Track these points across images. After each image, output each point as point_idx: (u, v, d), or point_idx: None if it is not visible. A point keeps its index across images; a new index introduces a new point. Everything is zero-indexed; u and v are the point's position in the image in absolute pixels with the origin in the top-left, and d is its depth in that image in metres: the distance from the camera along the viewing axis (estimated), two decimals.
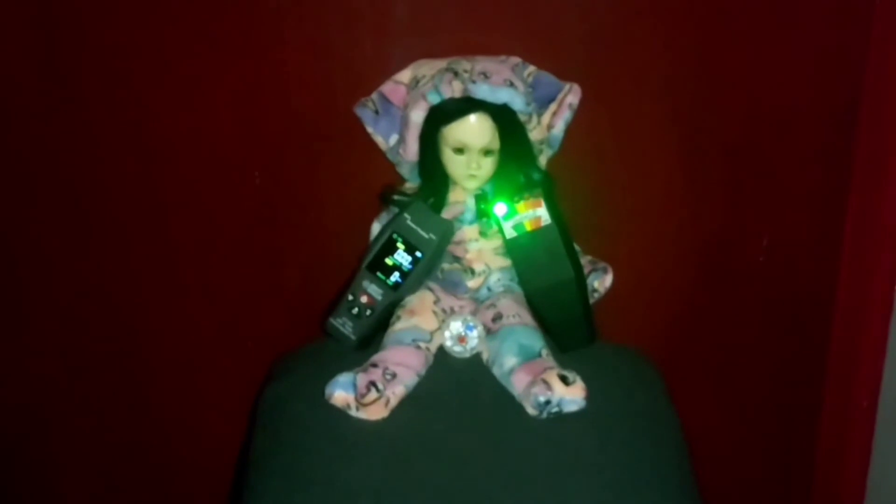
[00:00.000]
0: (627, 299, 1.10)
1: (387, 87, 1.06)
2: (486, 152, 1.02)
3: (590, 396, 0.94)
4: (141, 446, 1.28)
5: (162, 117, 1.10)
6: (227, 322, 1.24)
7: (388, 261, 1.03)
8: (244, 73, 1.09)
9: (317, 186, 1.16)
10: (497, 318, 1.03)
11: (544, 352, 1.00)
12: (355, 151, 1.11)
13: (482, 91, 0.97)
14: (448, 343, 1.02)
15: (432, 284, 1.06)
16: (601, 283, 1.06)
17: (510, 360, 0.99)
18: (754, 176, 1.20)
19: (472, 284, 1.07)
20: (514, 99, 0.99)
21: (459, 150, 1.02)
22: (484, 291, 1.07)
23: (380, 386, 0.95)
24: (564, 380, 0.94)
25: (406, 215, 1.02)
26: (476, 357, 1.02)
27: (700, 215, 1.21)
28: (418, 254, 1.02)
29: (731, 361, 1.30)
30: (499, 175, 1.04)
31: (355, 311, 1.03)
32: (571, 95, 1.05)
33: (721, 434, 1.30)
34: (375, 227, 1.09)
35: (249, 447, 0.98)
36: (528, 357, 0.98)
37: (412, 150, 1.04)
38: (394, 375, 0.97)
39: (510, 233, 1.00)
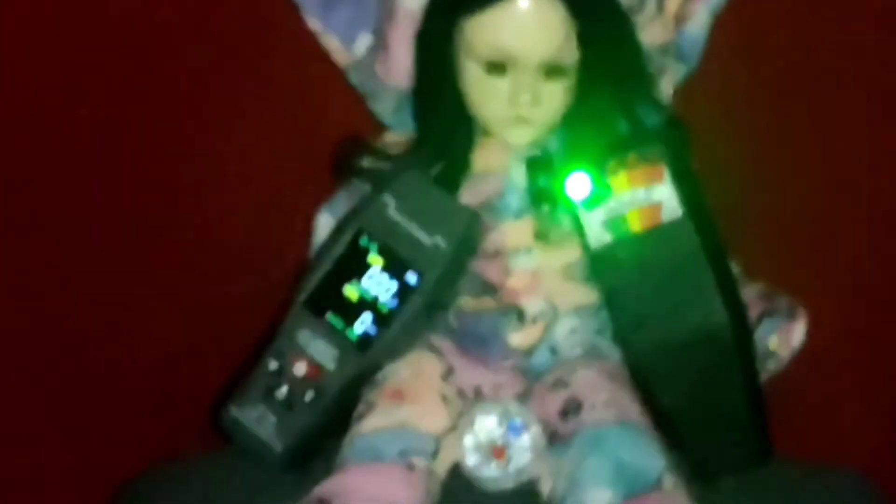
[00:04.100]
0: (832, 373, 0.94)
1: None
2: (551, 71, 0.80)
3: None
4: None
5: None
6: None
7: (350, 291, 0.79)
8: None
9: (203, 142, 0.93)
10: (571, 409, 0.79)
11: (668, 479, 0.76)
12: (283, 72, 0.91)
13: None
14: (471, 460, 0.79)
15: (440, 339, 0.84)
16: (784, 338, 0.81)
17: (600, 496, 0.76)
18: None
19: (519, 340, 0.82)
20: None
21: (498, 68, 0.80)
22: (543, 355, 0.83)
23: None
24: None
25: (388, 199, 0.80)
26: (527, 488, 0.79)
27: None
28: (411, 276, 0.79)
29: None
30: (575, 118, 0.82)
31: (282, 392, 0.79)
32: None
33: None
34: (324, 223, 0.85)
35: None
36: (635, 489, 0.76)
37: (401, 65, 0.83)
38: None
39: (599, 236, 0.78)
